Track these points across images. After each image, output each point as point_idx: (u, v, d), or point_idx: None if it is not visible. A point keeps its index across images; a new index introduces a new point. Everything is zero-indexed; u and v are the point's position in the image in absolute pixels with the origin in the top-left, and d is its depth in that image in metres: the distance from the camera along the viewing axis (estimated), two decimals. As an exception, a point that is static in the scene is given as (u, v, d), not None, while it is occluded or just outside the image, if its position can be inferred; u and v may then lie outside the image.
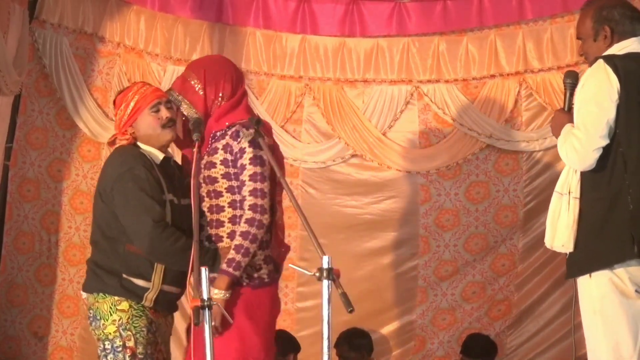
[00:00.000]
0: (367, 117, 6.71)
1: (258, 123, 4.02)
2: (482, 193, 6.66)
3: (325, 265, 3.31)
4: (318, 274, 3.33)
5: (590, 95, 3.90)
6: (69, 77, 6.45)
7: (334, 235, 6.58)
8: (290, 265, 3.95)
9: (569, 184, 3.96)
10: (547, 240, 4.06)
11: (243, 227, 3.97)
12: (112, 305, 4.00)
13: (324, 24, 6.74)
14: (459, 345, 6.43)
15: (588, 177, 3.92)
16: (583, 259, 3.93)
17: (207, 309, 3.39)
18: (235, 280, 3.97)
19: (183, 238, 3.98)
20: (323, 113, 6.69)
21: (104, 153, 6.58)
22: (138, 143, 4.14)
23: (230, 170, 4.05)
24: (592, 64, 3.99)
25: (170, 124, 4.12)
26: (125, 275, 4.00)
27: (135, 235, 3.96)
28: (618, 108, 3.85)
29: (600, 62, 3.92)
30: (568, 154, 3.92)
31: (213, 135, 4.13)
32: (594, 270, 3.88)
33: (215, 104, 4.14)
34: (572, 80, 4.15)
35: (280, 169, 4.09)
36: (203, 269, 3.40)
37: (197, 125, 4.04)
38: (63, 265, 6.56)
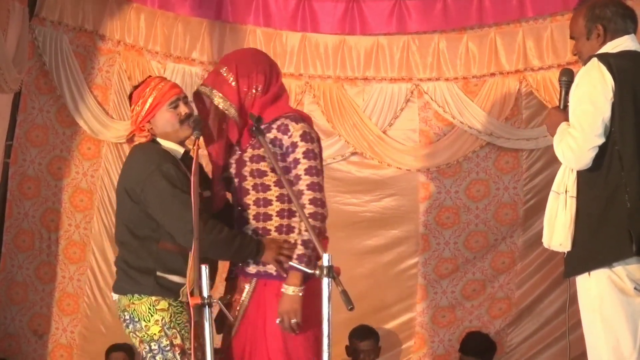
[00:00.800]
0: (367, 115, 6.71)
1: (258, 121, 4.02)
2: (482, 191, 6.66)
3: (326, 263, 3.31)
4: (318, 272, 3.34)
5: (585, 94, 3.90)
6: (69, 74, 6.45)
7: (334, 233, 6.46)
8: (291, 263, 3.96)
9: (566, 183, 3.97)
10: (544, 240, 4.06)
11: (309, 221, 3.92)
12: (150, 306, 3.96)
13: (324, 22, 6.74)
14: (459, 343, 6.44)
15: (584, 175, 3.92)
16: (581, 258, 3.93)
17: (207, 307, 3.39)
18: (307, 276, 3.93)
19: (226, 228, 3.97)
20: (323, 111, 6.69)
21: (104, 151, 6.58)
22: (157, 139, 4.11)
23: (281, 164, 4.02)
24: (586, 63, 3.99)
25: (189, 120, 4.08)
26: (160, 273, 3.96)
27: (179, 232, 3.88)
28: (613, 106, 3.86)
29: (594, 60, 3.92)
30: (564, 153, 3.92)
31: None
32: (592, 269, 3.89)
33: (249, 96, 4.08)
34: (567, 79, 4.15)
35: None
36: (203, 267, 3.40)
37: (197, 123, 4.03)
38: (63, 263, 6.57)
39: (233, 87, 4.07)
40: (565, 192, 3.95)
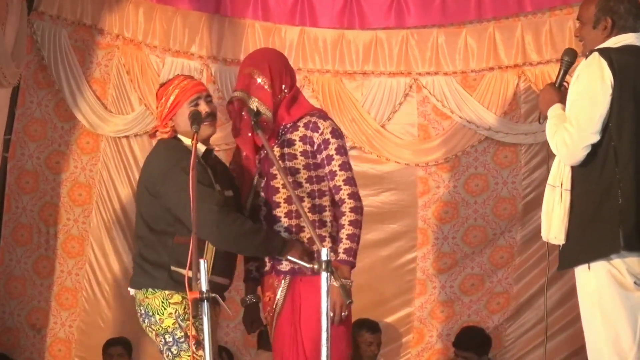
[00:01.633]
0: (365, 109, 6.71)
1: (257, 115, 4.02)
2: (480, 185, 6.67)
3: (324, 258, 3.31)
4: (317, 266, 3.34)
5: (584, 90, 3.88)
6: (68, 69, 6.45)
7: (333, 228, 6.57)
8: (289, 258, 3.96)
9: (561, 177, 3.96)
10: (543, 233, 4.06)
11: (351, 215, 4.06)
12: (163, 300, 3.96)
13: (323, 16, 6.74)
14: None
15: (579, 169, 3.91)
16: (573, 251, 3.93)
17: (205, 302, 3.38)
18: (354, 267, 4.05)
19: (249, 221, 3.97)
20: (322, 105, 6.67)
21: (103, 145, 6.58)
22: (179, 136, 4.11)
23: (310, 162, 4.10)
24: (587, 57, 3.97)
25: (210, 119, 4.09)
26: (174, 267, 3.96)
27: (202, 225, 3.81)
28: (612, 102, 3.83)
29: (596, 55, 3.90)
30: (558, 148, 3.91)
31: (283, 128, 4.13)
32: (583, 263, 3.88)
33: (280, 97, 4.14)
34: (569, 59, 4.13)
35: None
36: (202, 261, 3.39)
37: (195, 118, 4.02)
38: (61, 257, 6.56)
39: (268, 92, 4.10)
40: (561, 185, 3.95)
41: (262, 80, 4.11)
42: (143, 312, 4.03)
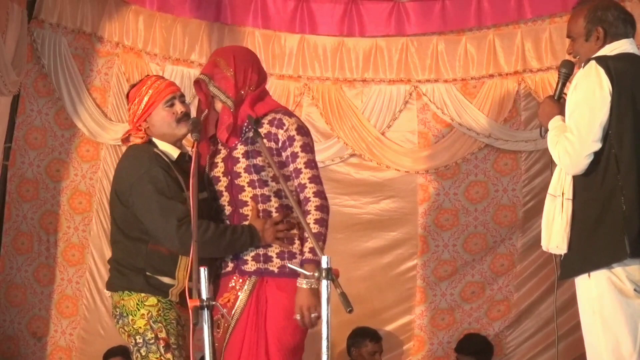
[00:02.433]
0: (365, 116, 6.71)
1: (257, 123, 4.02)
2: (481, 193, 6.66)
3: (325, 265, 3.31)
4: (317, 274, 3.33)
5: (583, 99, 3.88)
6: (68, 77, 6.45)
7: (333, 235, 6.45)
8: (289, 265, 3.96)
9: (562, 186, 3.95)
10: (543, 243, 4.06)
11: (316, 214, 3.96)
12: (139, 302, 3.97)
13: (323, 24, 6.74)
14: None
15: (581, 178, 3.91)
16: (576, 260, 3.92)
17: (206, 309, 3.38)
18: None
19: (211, 226, 3.94)
20: (322, 113, 6.69)
21: (103, 153, 6.58)
22: (153, 140, 4.09)
23: (275, 159, 4.01)
24: (584, 66, 3.98)
25: (185, 119, 4.08)
26: (150, 274, 3.98)
27: (164, 238, 3.91)
28: (611, 109, 3.84)
29: (592, 63, 3.91)
30: (560, 157, 3.91)
31: (247, 125, 4.07)
32: (587, 271, 3.88)
33: (244, 93, 4.08)
34: (567, 70, 4.14)
35: None
36: (202, 269, 3.39)
37: (195, 125, 4.01)
38: (62, 265, 6.56)
39: (231, 81, 4.06)
40: (562, 194, 3.95)
41: (225, 69, 4.07)
42: (118, 313, 4.04)
